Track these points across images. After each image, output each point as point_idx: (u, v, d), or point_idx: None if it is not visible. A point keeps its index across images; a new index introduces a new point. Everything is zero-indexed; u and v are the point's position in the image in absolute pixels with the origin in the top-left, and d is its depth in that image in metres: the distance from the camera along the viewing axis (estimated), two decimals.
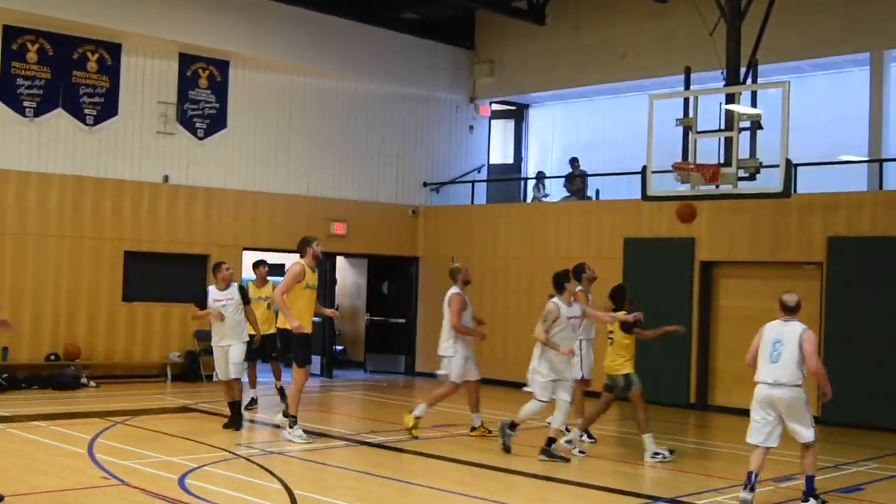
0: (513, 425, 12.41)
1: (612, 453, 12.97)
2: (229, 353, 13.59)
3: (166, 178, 19.48)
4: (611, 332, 12.48)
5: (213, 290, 13.64)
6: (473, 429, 13.79)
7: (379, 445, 12.77)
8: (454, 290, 13.67)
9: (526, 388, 12.24)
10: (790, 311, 9.97)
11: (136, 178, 19.18)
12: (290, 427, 12.71)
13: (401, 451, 12.46)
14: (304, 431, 12.79)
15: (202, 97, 19.90)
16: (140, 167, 19.28)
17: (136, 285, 19.04)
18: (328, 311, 13.98)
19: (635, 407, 12.30)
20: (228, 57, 20.16)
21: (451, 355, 13.54)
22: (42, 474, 10.29)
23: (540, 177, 22.62)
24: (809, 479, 9.85)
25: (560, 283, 12.13)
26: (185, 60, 19.74)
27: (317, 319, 19.83)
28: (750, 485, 9.56)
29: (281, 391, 15.38)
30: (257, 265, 15.75)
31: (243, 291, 13.72)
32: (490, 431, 13.57)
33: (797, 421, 9.73)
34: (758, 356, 9.89)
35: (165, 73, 19.55)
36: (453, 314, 13.48)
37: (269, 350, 15.40)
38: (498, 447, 12.68)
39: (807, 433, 9.74)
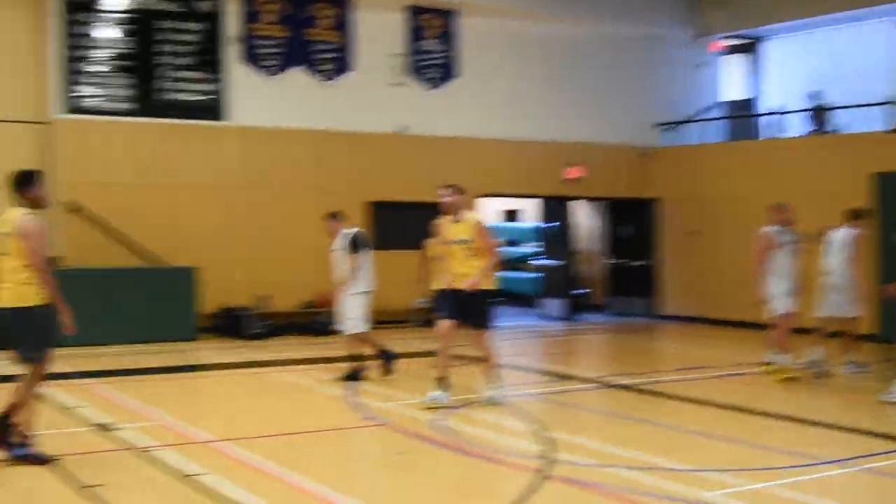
0: None
1: (873, 390, 12.46)
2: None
3: (405, 129, 19.77)
4: None
5: None
6: (766, 364, 13.30)
7: (627, 387, 12.69)
8: (764, 228, 13.23)
9: None
10: None
11: (373, 129, 19.66)
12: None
13: (650, 392, 12.34)
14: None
15: (432, 47, 20.11)
16: (377, 118, 19.74)
17: (383, 235, 19.17)
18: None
19: None
20: (457, 7, 20.35)
21: (767, 298, 13.08)
22: (308, 415, 10.80)
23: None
24: None
25: None
26: (413, 13, 20.07)
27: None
28: None
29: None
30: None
31: (353, 240, 12.85)
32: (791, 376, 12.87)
33: None
34: None
35: (394, 26, 19.98)
36: (756, 252, 13.15)
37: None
38: (751, 388, 12.38)
39: None
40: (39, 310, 8.13)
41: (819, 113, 20.89)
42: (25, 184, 8.41)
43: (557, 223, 22.37)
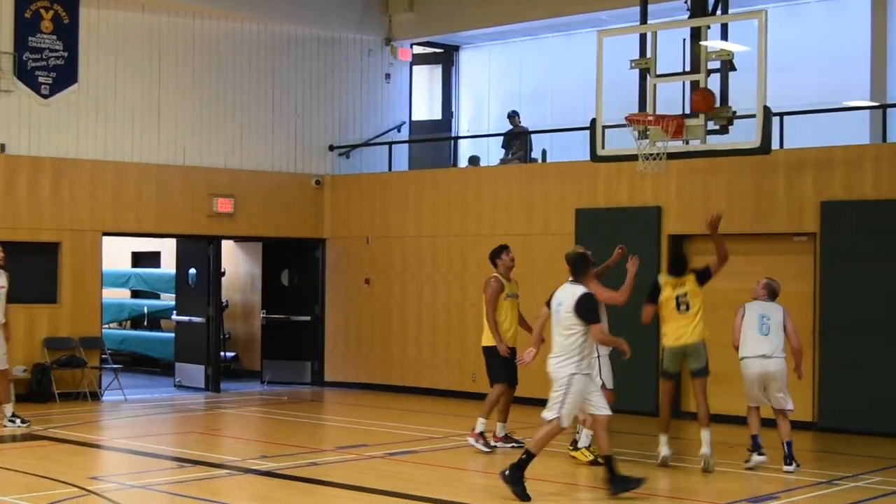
0: None
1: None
2: None
3: (2, 148, 19.44)
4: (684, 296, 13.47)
5: None
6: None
7: (269, 473, 12.86)
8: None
9: None
10: None
11: None
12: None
13: (294, 479, 12.57)
14: None
15: (46, 44, 19.79)
16: None
17: None
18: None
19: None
20: None
21: None
22: None
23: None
24: None
25: None
26: None
27: None
28: None
29: None
30: None
31: None
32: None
33: None
34: None
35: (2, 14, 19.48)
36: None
37: None
38: (413, 471, 12.83)
39: None
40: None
41: (516, 137, 22.02)
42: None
43: (195, 270, 22.22)
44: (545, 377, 11.64)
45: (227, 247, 23.57)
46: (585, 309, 11.34)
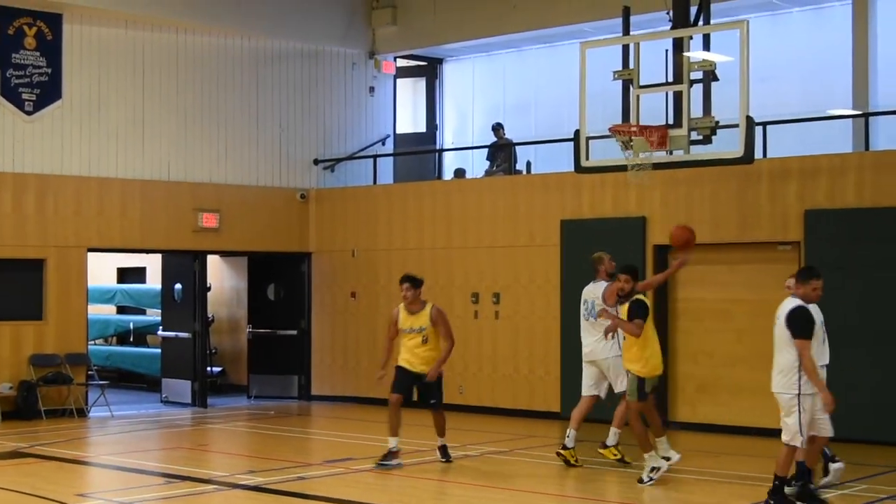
0: None
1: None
2: None
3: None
4: None
5: None
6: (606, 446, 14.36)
7: (257, 488, 12.83)
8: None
9: None
10: None
11: None
12: None
13: (282, 493, 12.53)
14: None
15: (30, 61, 19.77)
16: None
17: None
18: None
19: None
20: (61, 9, 20.01)
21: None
22: None
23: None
24: None
25: None
26: (6, 15, 19.56)
27: None
28: None
29: None
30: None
31: None
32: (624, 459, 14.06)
33: None
34: None
35: None
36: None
37: None
38: (401, 484, 12.74)
39: None
40: None
41: (501, 149, 22.08)
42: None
43: (181, 285, 22.26)
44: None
45: (213, 261, 23.63)
46: (793, 320, 11.09)
